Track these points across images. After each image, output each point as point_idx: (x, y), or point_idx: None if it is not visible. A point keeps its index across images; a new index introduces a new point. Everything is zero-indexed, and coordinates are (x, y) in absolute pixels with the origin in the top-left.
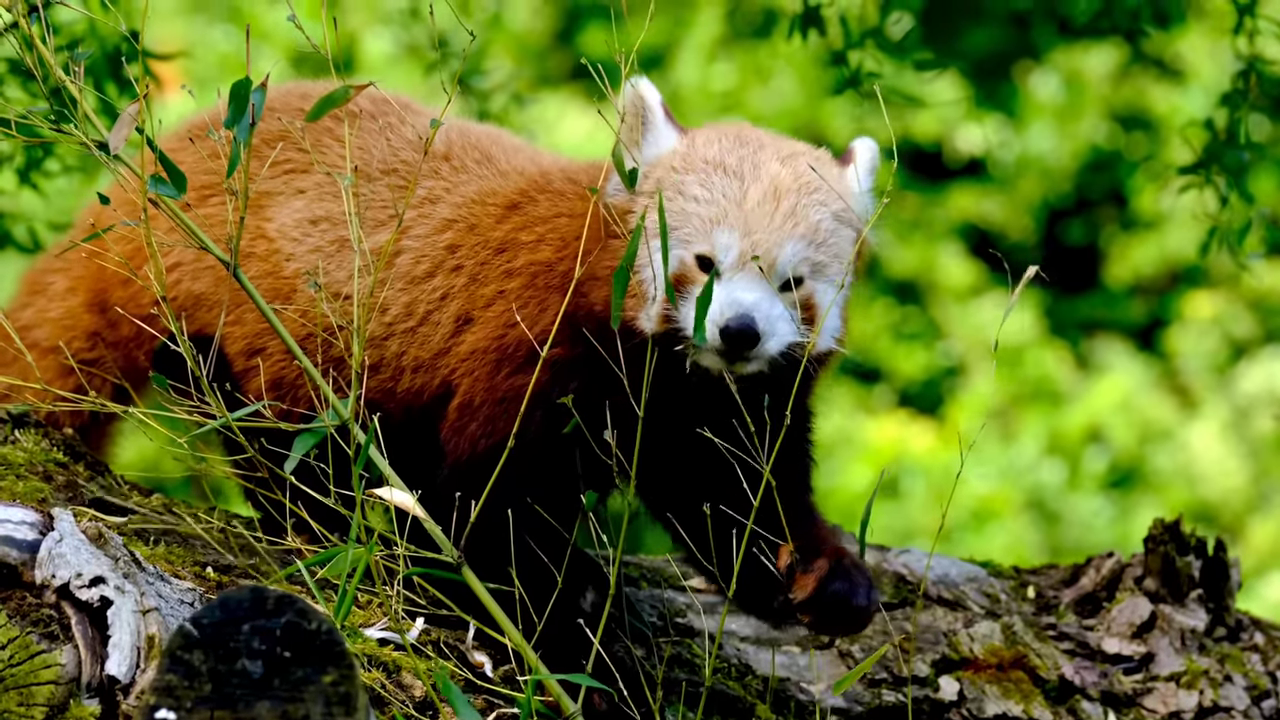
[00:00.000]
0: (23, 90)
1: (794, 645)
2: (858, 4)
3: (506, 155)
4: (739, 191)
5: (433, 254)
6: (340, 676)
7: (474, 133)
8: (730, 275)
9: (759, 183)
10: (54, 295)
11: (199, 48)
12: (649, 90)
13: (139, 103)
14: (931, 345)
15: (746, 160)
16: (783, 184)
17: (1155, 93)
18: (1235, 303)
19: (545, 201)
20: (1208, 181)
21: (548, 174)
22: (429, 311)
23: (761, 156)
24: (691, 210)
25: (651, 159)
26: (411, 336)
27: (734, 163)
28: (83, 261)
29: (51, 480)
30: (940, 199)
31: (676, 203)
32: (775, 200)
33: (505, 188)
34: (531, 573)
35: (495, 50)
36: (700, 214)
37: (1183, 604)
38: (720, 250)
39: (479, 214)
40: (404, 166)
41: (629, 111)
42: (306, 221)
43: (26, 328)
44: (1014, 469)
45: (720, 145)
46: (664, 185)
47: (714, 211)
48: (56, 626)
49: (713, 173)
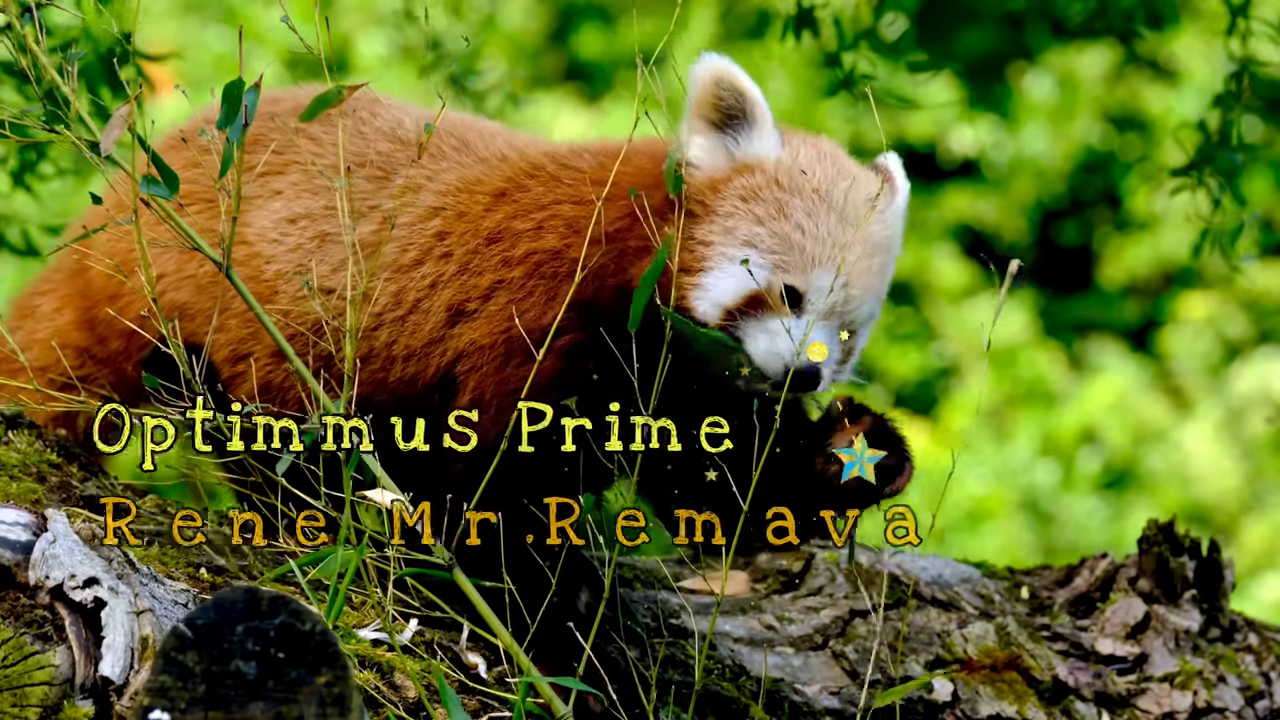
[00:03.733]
0: (17, 93)
1: (788, 647)
2: (851, 5)
3: (483, 140)
4: (844, 237)
5: (420, 241)
6: (334, 677)
7: (447, 119)
8: (813, 320)
9: (861, 232)
10: (42, 316)
11: (193, 49)
12: (744, 79)
13: (130, 104)
14: (925, 346)
15: (850, 201)
16: (877, 239)
17: (1149, 94)
18: (1229, 304)
19: (538, 188)
20: (1200, 183)
21: (535, 160)
22: (419, 299)
23: (856, 195)
24: (796, 240)
25: (751, 157)
26: (401, 325)
27: (839, 200)
28: (70, 280)
29: (45, 481)
30: (934, 200)
31: (779, 223)
32: (871, 256)
33: (490, 175)
34: (528, 573)
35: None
36: (805, 247)
37: (1177, 605)
38: (814, 292)
39: (466, 202)
40: (379, 157)
41: (702, 94)
42: (285, 221)
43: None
44: (1008, 470)
45: (823, 172)
46: (762, 195)
47: (820, 251)
48: (50, 627)
49: (819, 205)
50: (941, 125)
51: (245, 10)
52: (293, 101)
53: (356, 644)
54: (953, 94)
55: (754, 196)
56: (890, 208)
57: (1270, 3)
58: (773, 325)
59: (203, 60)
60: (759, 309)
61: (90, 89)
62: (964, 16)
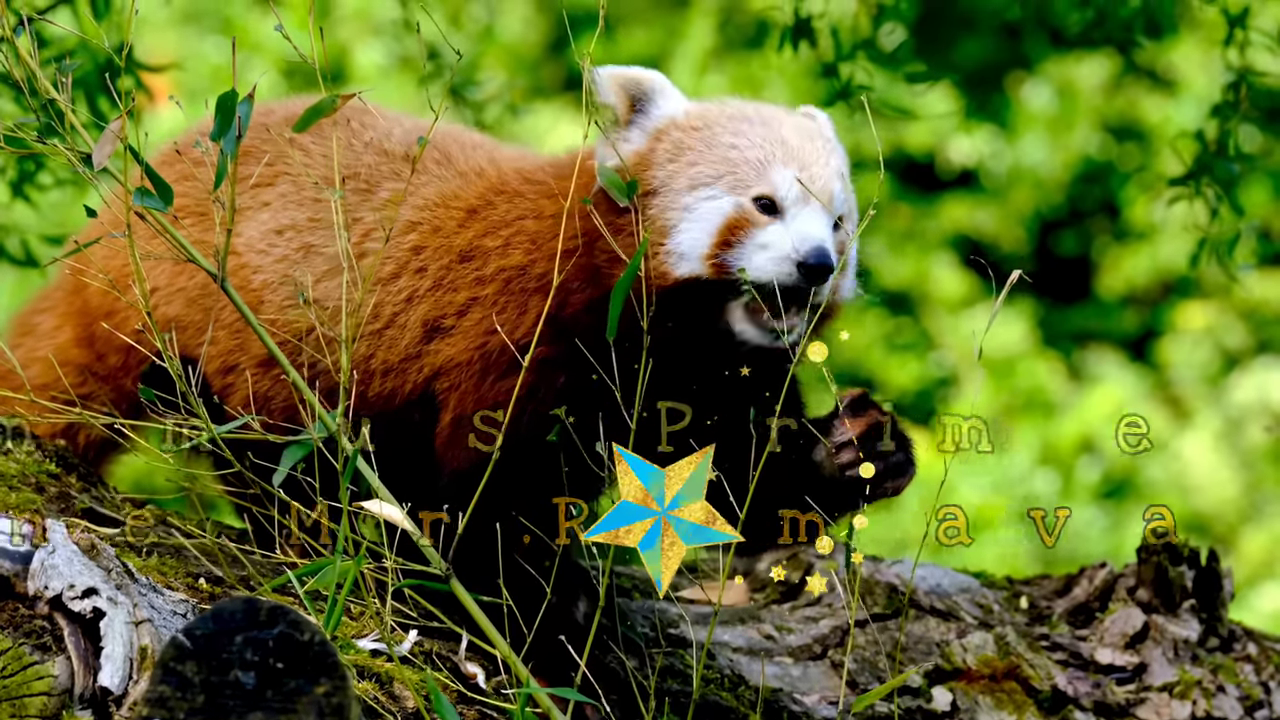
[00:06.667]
0: (16, 104)
1: (787, 656)
2: (850, 15)
3: (465, 154)
4: (778, 133)
5: (397, 255)
6: (333, 687)
7: (434, 132)
8: (794, 212)
9: (791, 125)
10: (42, 334)
11: (191, 60)
12: (633, 69)
13: (122, 119)
14: (924, 356)
15: (763, 111)
16: (808, 128)
17: (1148, 103)
18: (1228, 314)
19: (503, 205)
20: (1198, 193)
21: (504, 176)
22: (395, 313)
23: (771, 110)
24: (735, 156)
25: (662, 121)
26: (379, 339)
27: (753, 113)
28: (69, 297)
29: (44, 491)
30: (932, 210)
31: (712, 153)
32: (811, 139)
33: (465, 191)
34: (525, 584)
35: (488, 62)
36: (747, 158)
37: (1176, 614)
38: (781, 187)
39: (442, 217)
40: (366, 170)
41: (609, 99)
42: (272, 232)
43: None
44: (1007, 479)
45: (727, 104)
46: (685, 144)
47: (762, 153)
48: (49, 638)
49: (740, 122)
50: (940, 135)
51: (243, 21)
52: (284, 112)
53: (355, 654)
54: (951, 104)
55: (678, 148)
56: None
57: (1268, 13)
58: (762, 237)
59: (201, 71)
60: (741, 233)
61: (89, 100)
62: (962, 26)
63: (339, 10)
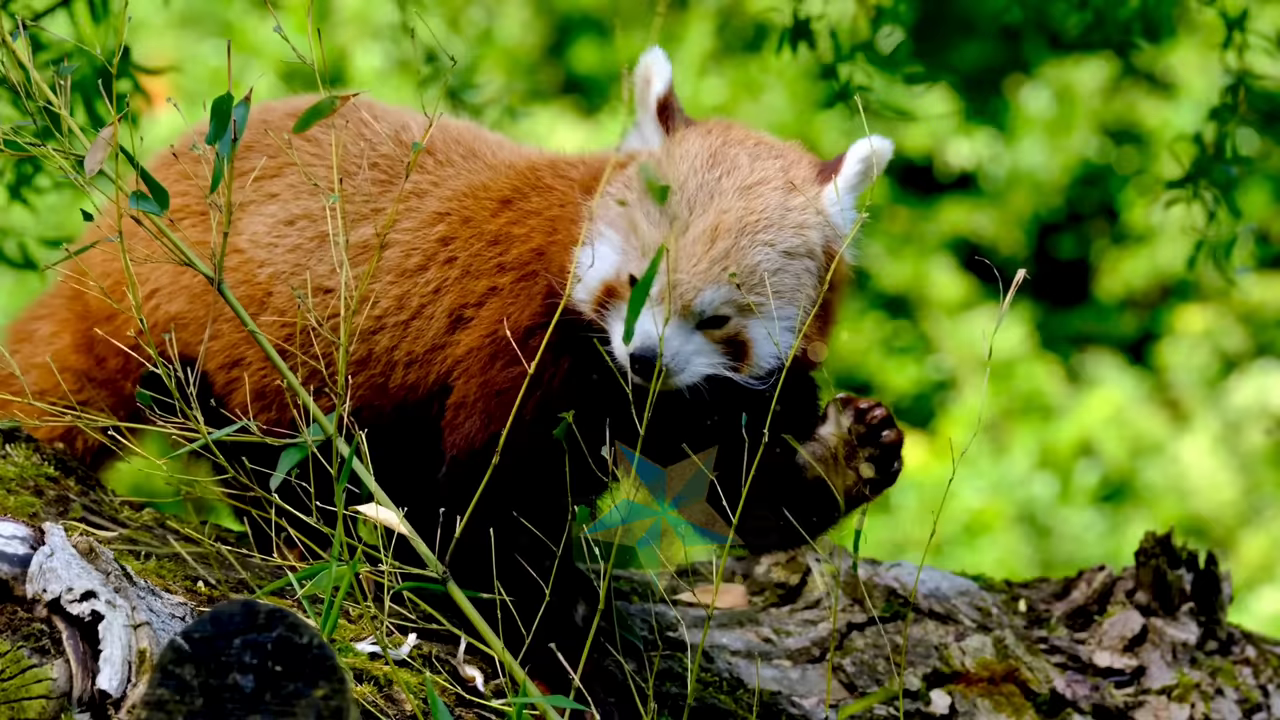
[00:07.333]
0: (14, 108)
1: (785, 659)
2: (848, 18)
3: (492, 150)
4: (683, 225)
5: (424, 247)
6: (332, 690)
7: (454, 128)
8: (652, 306)
9: (704, 219)
10: (40, 340)
11: (190, 63)
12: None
13: (114, 125)
14: (922, 359)
15: (705, 189)
16: (725, 224)
17: (1146, 106)
18: (1226, 317)
19: (536, 197)
20: (1196, 196)
21: (538, 169)
22: (422, 305)
23: (724, 184)
24: (642, 229)
25: (636, 147)
26: (404, 330)
27: (693, 188)
28: (68, 303)
29: (42, 495)
30: (931, 213)
31: (637, 208)
32: (710, 242)
33: (498, 182)
34: (524, 586)
35: (486, 65)
36: (645, 237)
37: (1174, 617)
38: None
39: (473, 207)
40: (384, 160)
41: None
42: (282, 224)
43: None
44: (1005, 483)
45: (693, 163)
46: (629, 186)
47: (655, 237)
48: (48, 641)
49: (677, 188)
50: (938, 138)
51: (242, 24)
52: (286, 107)
53: (354, 657)
54: (949, 106)
55: (628, 182)
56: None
57: (1266, 16)
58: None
59: (199, 74)
60: (615, 298)
61: (87, 103)
62: (961, 29)
63: (338, 13)
